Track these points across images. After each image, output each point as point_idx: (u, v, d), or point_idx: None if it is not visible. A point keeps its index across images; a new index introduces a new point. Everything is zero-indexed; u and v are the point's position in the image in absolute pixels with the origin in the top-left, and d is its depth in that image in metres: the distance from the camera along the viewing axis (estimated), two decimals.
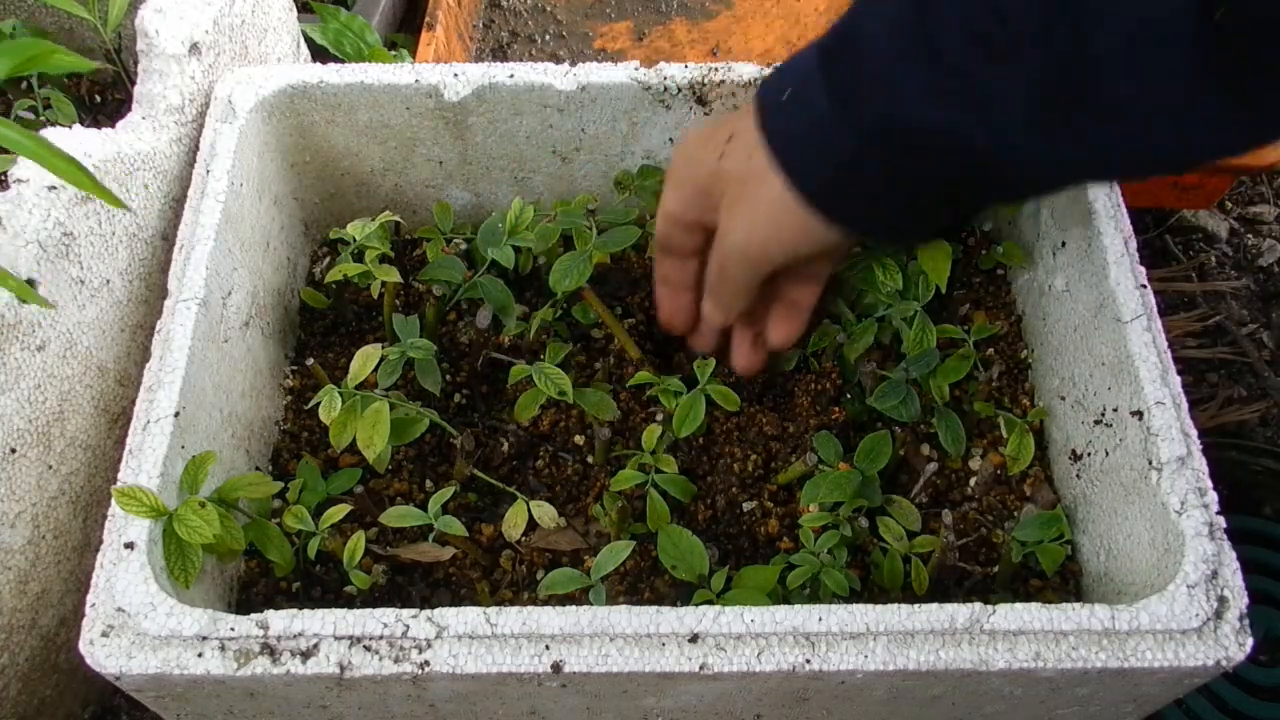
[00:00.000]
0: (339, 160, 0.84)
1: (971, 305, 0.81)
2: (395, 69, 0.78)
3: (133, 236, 0.74)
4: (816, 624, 0.55)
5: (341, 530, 0.68)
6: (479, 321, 0.80)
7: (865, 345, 0.74)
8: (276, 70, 0.78)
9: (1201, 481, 0.60)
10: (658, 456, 0.71)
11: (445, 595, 0.69)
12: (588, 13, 1.30)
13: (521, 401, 0.73)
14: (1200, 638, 0.55)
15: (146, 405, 0.63)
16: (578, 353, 0.79)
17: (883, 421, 0.75)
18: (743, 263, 0.59)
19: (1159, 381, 0.63)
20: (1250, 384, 1.12)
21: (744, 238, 0.58)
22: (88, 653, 0.55)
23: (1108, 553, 0.67)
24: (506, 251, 0.77)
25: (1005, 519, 0.72)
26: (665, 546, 0.66)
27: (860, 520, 0.68)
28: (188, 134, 0.77)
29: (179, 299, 0.67)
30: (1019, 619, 0.55)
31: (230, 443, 0.70)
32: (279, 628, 0.55)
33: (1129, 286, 0.67)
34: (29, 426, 0.67)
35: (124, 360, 0.76)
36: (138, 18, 0.75)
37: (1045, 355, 0.77)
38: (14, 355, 0.65)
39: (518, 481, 0.74)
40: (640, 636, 0.55)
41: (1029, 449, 0.72)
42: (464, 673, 0.54)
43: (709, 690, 0.57)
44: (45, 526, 0.72)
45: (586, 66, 0.79)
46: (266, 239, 0.79)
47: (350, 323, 0.82)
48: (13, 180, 0.67)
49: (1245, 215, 1.26)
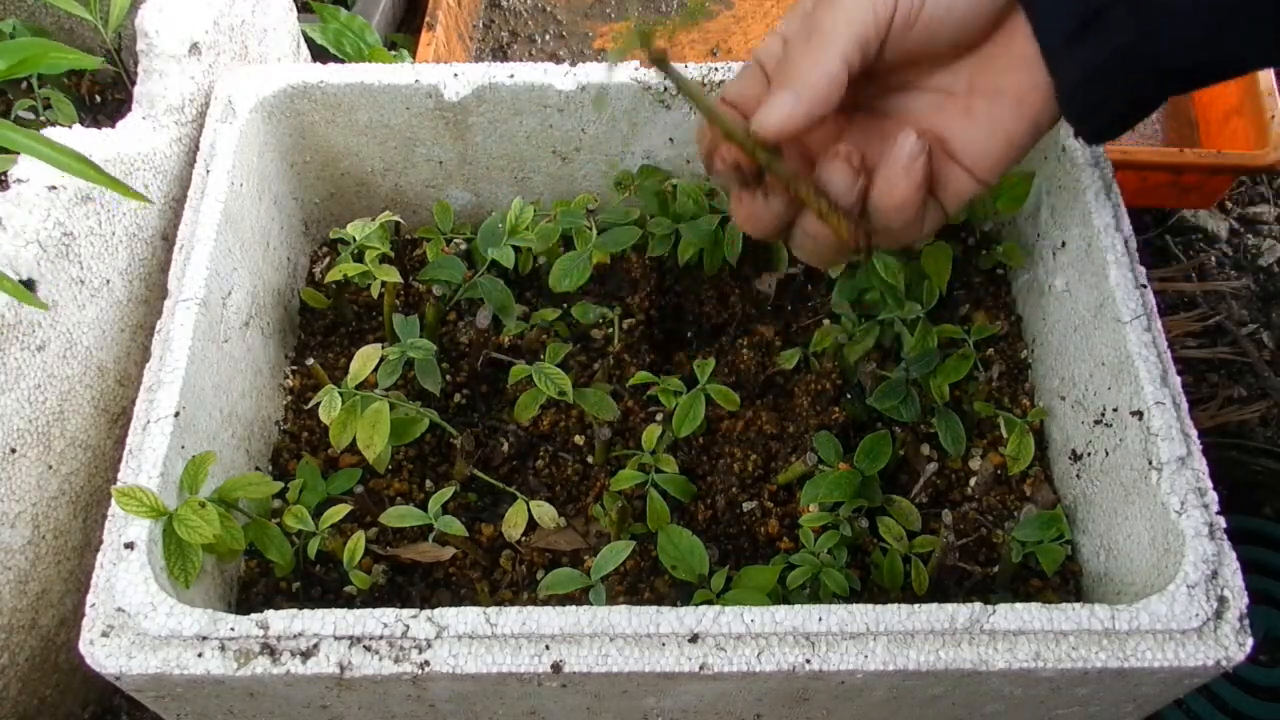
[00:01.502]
0: (339, 160, 0.84)
1: (971, 305, 0.81)
2: (395, 69, 0.78)
3: (133, 236, 0.74)
4: (816, 624, 0.55)
5: (341, 530, 0.68)
6: (479, 321, 0.80)
7: (866, 347, 0.74)
8: (276, 70, 0.78)
9: (1201, 481, 0.60)
10: (658, 456, 0.71)
11: (445, 595, 0.69)
12: (588, 13, 1.30)
13: (521, 401, 0.73)
14: (1200, 638, 0.55)
15: (146, 405, 0.63)
16: (578, 353, 0.79)
17: (883, 421, 0.75)
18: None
19: (1159, 381, 0.63)
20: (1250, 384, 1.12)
21: None
22: (88, 653, 0.55)
23: (1108, 553, 0.67)
24: (506, 251, 0.77)
25: (1005, 519, 0.72)
26: (665, 546, 0.66)
27: (860, 520, 0.68)
28: (188, 134, 0.77)
29: (179, 299, 0.67)
30: (1019, 619, 0.55)
31: (230, 443, 0.70)
32: (279, 628, 0.55)
33: (1129, 286, 0.67)
34: (29, 426, 0.67)
35: (124, 360, 0.76)
36: (138, 17, 0.75)
37: (1045, 355, 0.77)
38: (14, 355, 0.65)
39: (518, 481, 0.74)
40: (640, 636, 0.55)
41: (1029, 449, 0.72)
42: (464, 673, 0.54)
43: (709, 690, 0.57)
44: (45, 526, 0.72)
45: (586, 66, 0.79)
46: (266, 239, 0.79)
47: (350, 323, 0.82)
48: (13, 180, 0.67)
49: (1245, 215, 1.26)
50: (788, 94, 0.50)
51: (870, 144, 0.55)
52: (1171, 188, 1.11)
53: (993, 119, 0.52)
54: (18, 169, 0.67)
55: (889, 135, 0.54)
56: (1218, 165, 1.06)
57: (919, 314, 0.73)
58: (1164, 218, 1.24)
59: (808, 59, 0.50)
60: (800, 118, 0.50)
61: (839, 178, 0.52)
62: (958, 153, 0.54)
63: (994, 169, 0.53)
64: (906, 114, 0.56)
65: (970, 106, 0.53)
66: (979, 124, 0.53)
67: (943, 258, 0.73)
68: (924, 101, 0.56)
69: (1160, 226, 1.24)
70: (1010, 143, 0.52)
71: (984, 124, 0.53)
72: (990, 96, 0.52)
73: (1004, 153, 0.53)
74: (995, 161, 0.53)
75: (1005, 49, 0.52)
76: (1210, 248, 1.23)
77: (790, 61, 0.51)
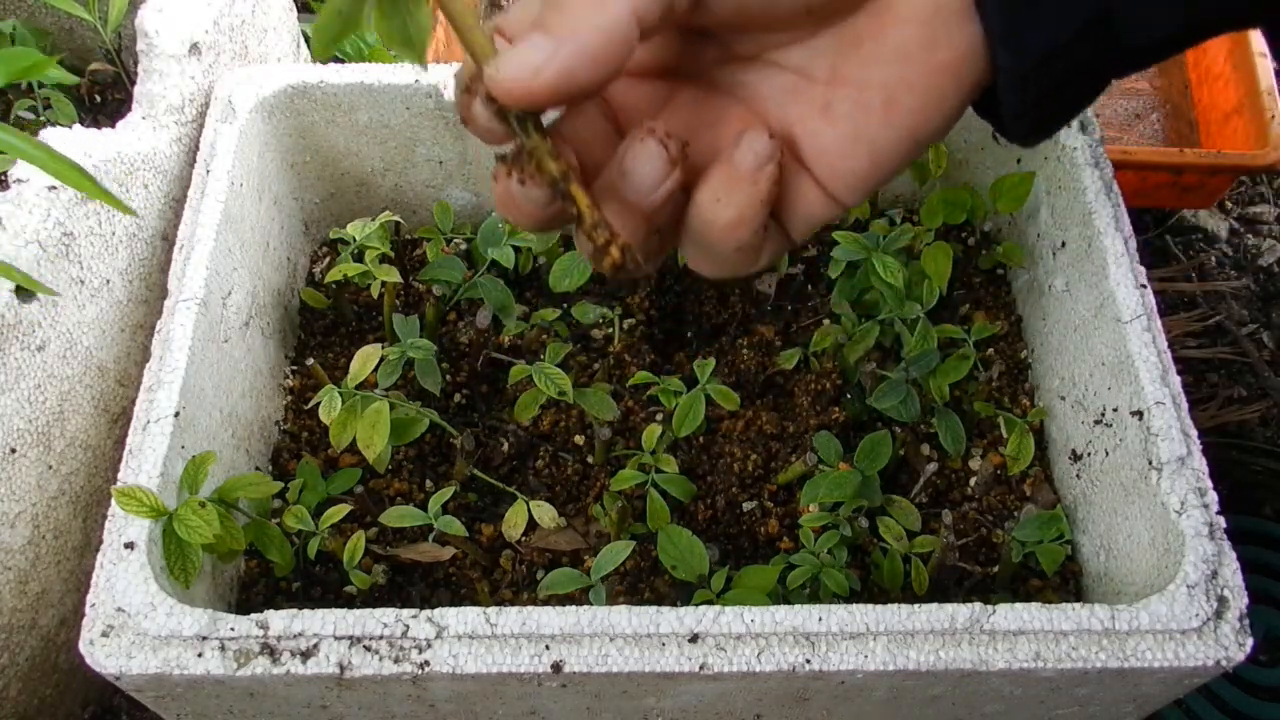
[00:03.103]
0: (339, 160, 0.84)
1: (971, 305, 0.81)
2: (395, 69, 0.78)
3: (133, 236, 0.74)
4: (816, 624, 0.55)
5: (341, 530, 0.68)
6: (479, 321, 0.80)
7: (866, 347, 0.74)
8: (276, 70, 0.78)
9: (1201, 481, 0.60)
10: (658, 456, 0.71)
11: (445, 595, 0.69)
12: None
13: (521, 401, 0.73)
14: (1200, 638, 0.55)
15: (146, 405, 0.63)
16: (578, 353, 0.79)
17: (883, 421, 0.75)
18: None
19: (1159, 381, 0.63)
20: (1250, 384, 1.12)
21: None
22: (88, 653, 0.55)
23: (1108, 553, 0.67)
24: (506, 251, 0.77)
25: (1005, 519, 0.72)
26: (665, 546, 0.66)
27: (860, 520, 0.68)
28: (188, 134, 0.77)
29: (179, 299, 0.67)
30: (1019, 619, 0.55)
31: (230, 443, 0.70)
32: (279, 628, 0.55)
33: (1129, 286, 0.67)
34: (29, 426, 0.67)
35: (124, 360, 0.76)
36: (138, 18, 0.75)
37: (1045, 355, 0.77)
38: (14, 355, 0.65)
39: (518, 481, 0.74)
40: (640, 636, 0.55)
41: (1029, 449, 0.72)
42: (464, 673, 0.54)
43: (709, 690, 0.57)
44: (45, 526, 0.72)
45: None
46: (266, 239, 0.79)
47: (350, 323, 0.82)
48: (13, 180, 0.67)
49: (1245, 215, 1.26)
50: (544, 41, 0.35)
51: (700, 128, 0.42)
52: (1171, 188, 1.11)
53: (856, 123, 0.40)
54: (18, 169, 0.67)
55: (724, 122, 0.42)
56: (1218, 165, 1.06)
57: (919, 314, 0.73)
58: (1164, 218, 1.24)
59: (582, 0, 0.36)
60: (552, 78, 0.35)
61: (646, 166, 0.38)
62: (809, 161, 0.41)
63: (853, 190, 0.41)
64: (752, 95, 0.42)
65: (830, 102, 0.40)
66: (838, 127, 0.40)
67: (943, 258, 0.73)
68: (776, 83, 0.42)
69: (1160, 226, 1.24)
70: (876, 158, 0.40)
71: (844, 128, 0.40)
72: (855, 90, 0.40)
73: (868, 170, 0.40)
74: (856, 180, 0.40)
75: (876, 28, 0.39)
76: (1210, 248, 1.23)
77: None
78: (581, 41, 0.35)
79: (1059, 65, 0.39)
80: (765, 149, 0.39)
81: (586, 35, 0.35)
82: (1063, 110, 0.41)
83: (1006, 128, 0.41)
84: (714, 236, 0.40)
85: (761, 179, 0.39)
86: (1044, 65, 0.38)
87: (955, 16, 0.38)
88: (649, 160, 0.38)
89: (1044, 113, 0.41)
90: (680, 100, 0.43)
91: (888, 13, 0.39)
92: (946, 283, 0.74)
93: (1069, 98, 0.41)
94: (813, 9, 0.39)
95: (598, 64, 0.36)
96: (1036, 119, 0.41)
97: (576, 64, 0.35)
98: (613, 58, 0.36)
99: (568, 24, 0.35)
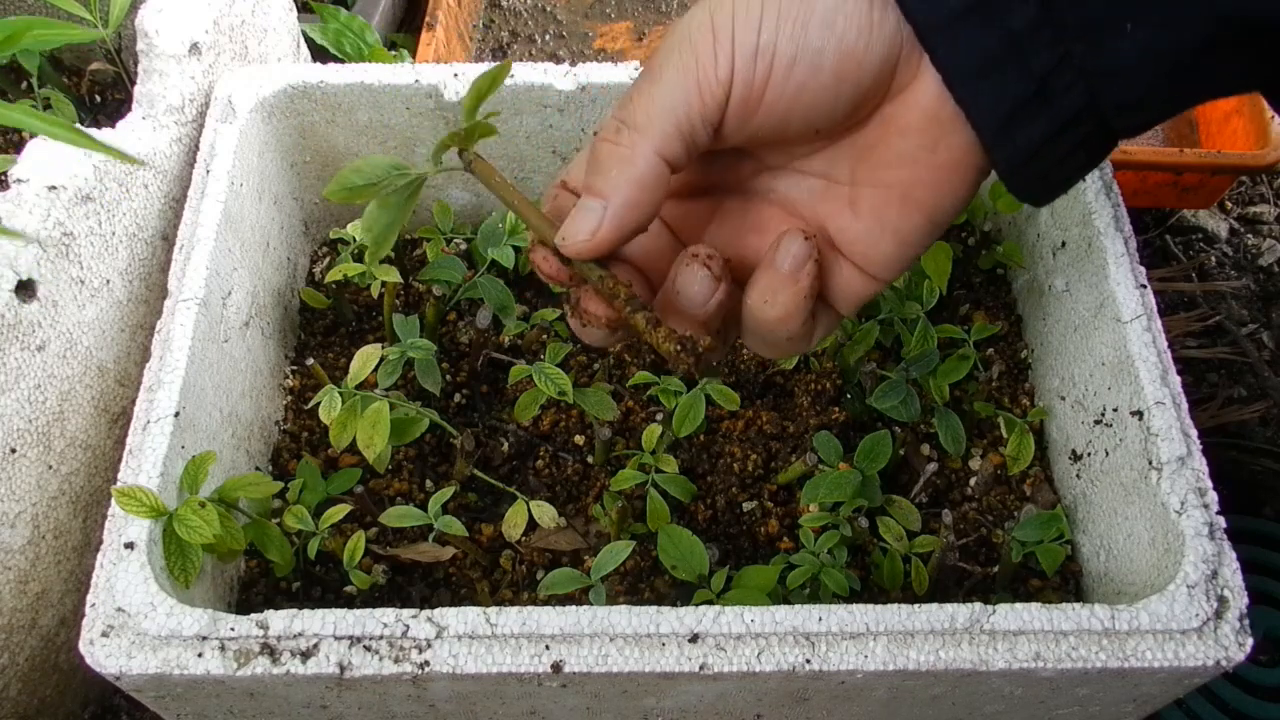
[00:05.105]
0: (339, 160, 0.84)
1: (971, 305, 0.81)
2: (395, 69, 0.78)
3: (133, 236, 0.74)
4: (816, 624, 0.55)
5: (341, 530, 0.68)
6: (479, 321, 0.80)
7: (866, 347, 0.74)
8: (276, 70, 0.78)
9: (1201, 481, 0.60)
10: (658, 456, 0.71)
11: (445, 595, 0.69)
12: (588, 13, 1.30)
13: (521, 401, 0.73)
14: (1200, 638, 0.55)
15: (146, 405, 0.63)
16: (578, 353, 0.79)
17: (883, 421, 0.75)
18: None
19: (1159, 381, 0.63)
20: (1250, 384, 1.12)
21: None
22: (88, 653, 0.55)
23: (1108, 553, 0.67)
24: (506, 251, 0.77)
25: (1005, 519, 0.72)
26: (665, 546, 0.66)
27: (860, 520, 0.68)
28: (188, 134, 0.77)
29: (179, 299, 0.67)
30: (1019, 619, 0.55)
31: (230, 443, 0.70)
32: (279, 628, 0.55)
33: (1129, 286, 0.67)
34: (29, 426, 0.67)
35: (124, 360, 0.76)
36: (138, 18, 0.75)
37: (1045, 355, 0.77)
38: (14, 355, 0.65)
39: (518, 481, 0.74)
40: (640, 636, 0.55)
41: (1029, 449, 0.72)
42: (464, 673, 0.54)
43: (709, 690, 0.57)
44: (45, 526, 0.72)
45: (586, 66, 0.79)
46: (266, 239, 0.79)
47: (350, 323, 0.82)
48: (13, 180, 0.67)
49: (1245, 215, 1.26)
50: (594, 203, 0.43)
51: (744, 235, 0.49)
52: (1171, 188, 1.11)
53: (879, 216, 0.45)
54: (18, 169, 0.67)
55: (766, 226, 0.47)
56: (1218, 165, 1.06)
57: (919, 314, 0.73)
58: (1164, 218, 1.24)
59: (615, 159, 0.43)
60: (607, 233, 0.42)
61: (694, 286, 0.44)
62: (845, 250, 0.47)
63: (889, 268, 0.46)
64: (787, 199, 0.48)
65: (854, 199, 0.46)
66: (864, 220, 0.46)
67: (943, 258, 0.73)
68: (805, 187, 0.48)
69: (1160, 226, 1.24)
70: (902, 240, 0.45)
71: (869, 221, 0.45)
72: (873, 189, 0.45)
73: (897, 251, 0.46)
74: (888, 261, 0.46)
75: (882, 138, 0.44)
76: (1210, 248, 1.23)
77: (599, 160, 0.43)
78: (623, 196, 0.42)
79: (1051, 152, 0.43)
80: (802, 250, 0.44)
81: (625, 190, 0.42)
82: (1067, 177, 0.46)
83: (1019, 196, 0.46)
84: (766, 330, 0.46)
85: (802, 277, 0.44)
86: (1036, 156, 0.43)
87: (949, 125, 0.42)
88: (696, 281, 0.44)
89: (1049, 183, 0.45)
90: (726, 209, 0.50)
91: (890, 124, 0.44)
92: (946, 283, 0.74)
93: (1070, 169, 0.45)
94: (820, 130, 0.44)
95: (640, 209, 0.43)
96: (1043, 189, 0.45)
97: (624, 214, 0.42)
98: (651, 200, 0.43)
99: (608, 185, 0.42)
